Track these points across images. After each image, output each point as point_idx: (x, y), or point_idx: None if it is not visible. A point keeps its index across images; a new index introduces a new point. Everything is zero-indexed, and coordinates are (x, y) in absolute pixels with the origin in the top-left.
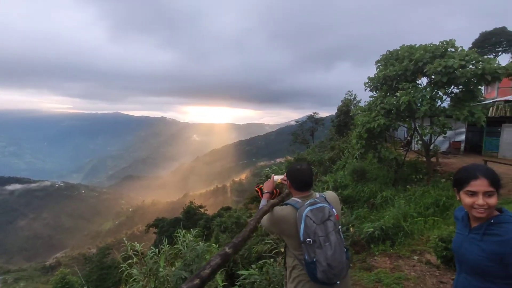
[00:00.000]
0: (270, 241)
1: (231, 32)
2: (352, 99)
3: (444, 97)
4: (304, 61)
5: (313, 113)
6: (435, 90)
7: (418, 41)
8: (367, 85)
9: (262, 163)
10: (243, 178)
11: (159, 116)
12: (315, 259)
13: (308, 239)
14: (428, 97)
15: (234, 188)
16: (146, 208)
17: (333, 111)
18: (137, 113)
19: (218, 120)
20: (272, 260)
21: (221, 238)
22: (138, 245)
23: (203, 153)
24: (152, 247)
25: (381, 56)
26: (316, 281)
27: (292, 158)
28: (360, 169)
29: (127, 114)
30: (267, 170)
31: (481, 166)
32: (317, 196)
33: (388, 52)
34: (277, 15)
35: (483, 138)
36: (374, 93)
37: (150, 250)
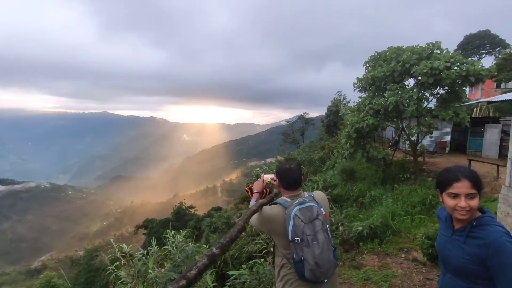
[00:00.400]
0: (260, 241)
1: (222, 32)
2: (341, 100)
3: (430, 98)
4: (295, 61)
5: (304, 113)
6: (422, 91)
7: (406, 42)
8: (356, 85)
9: (253, 163)
10: (234, 178)
11: (148, 116)
12: (303, 258)
13: (296, 238)
14: (415, 98)
15: (225, 188)
16: (135, 209)
17: (323, 111)
18: (125, 113)
19: (209, 120)
20: (263, 260)
21: (211, 239)
22: (126, 246)
23: (194, 153)
24: (140, 248)
25: (369, 57)
26: (304, 279)
27: (282, 158)
28: (349, 169)
29: (115, 114)
30: (258, 170)
31: (463, 168)
32: (306, 196)
33: (376, 53)
34: (269, 15)
35: (468, 138)
36: (363, 93)
37: (139, 252)
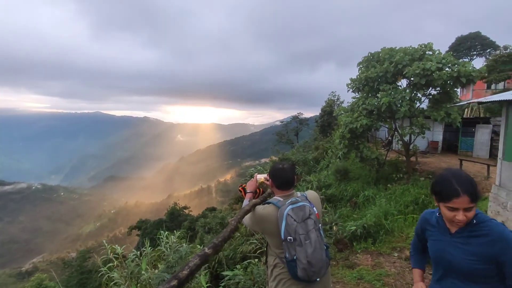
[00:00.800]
0: (255, 241)
1: (217, 32)
2: (335, 100)
3: (423, 98)
4: (289, 62)
5: (298, 113)
6: (414, 92)
7: (399, 43)
8: (349, 86)
9: (247, 163)
10: (228, 179)
11: (142, 116)
12: (295, 257)
13: (289, 237)
14: (408, 98)
15: (219, 189)
16: (129, 210)
17: (317, 111)
18: (119, 113)
19: (203, 120)
20: (257, 260)
21: (205, 239)
22: (119, 248)
23: (188, 153)
24: (134, 249)
25: (363, 58)
26: (297, 278)
27: (277, 158)
28: (343, 169)
29: (108, 114)
30: (252, 170)
31: (462, 178)
32: (299, 195)
33: (369, 54)
34: (263, 16)
35: (459, 138)
36: (357, 94)
37: (132, 253)
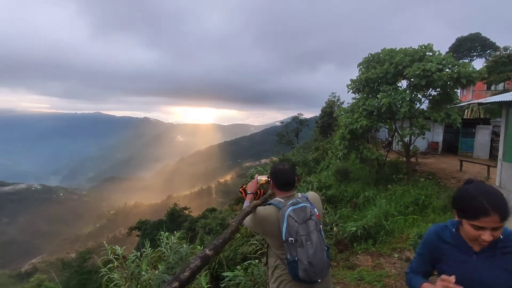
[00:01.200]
0: (255, 242)
1: (217, 32)
2: (335, 101)
3: (423, 99)
4: (289, 63)
5: (298, 114)
6: (414, 93)
7: (399, 44)
8: (349, 87)
9: (247, 164)
10: (228, 179)
11: (142, 117)
12: (296, 258)
13: (290, 238)
14: (408, 99)
15: (219, 189)
16: (128, 211)
17: (317, 112)
18: (119, 113)
19: (203, 121)
20: (257, 261)
21: (206, 240)
22: (119, 248)
23: (188, 154)
24: (134, 250)
25: (363, 59)
26: (298, 280)
27: (277, 159)
28: (343, 170)
29: (108, 114)
30: (252, 171)
31: (492, 195)
32: (299, 196)
33: (369, 55)
34: (263, 17)
35: (459, 139)
36: (357, 95)
37: (132, 254)
